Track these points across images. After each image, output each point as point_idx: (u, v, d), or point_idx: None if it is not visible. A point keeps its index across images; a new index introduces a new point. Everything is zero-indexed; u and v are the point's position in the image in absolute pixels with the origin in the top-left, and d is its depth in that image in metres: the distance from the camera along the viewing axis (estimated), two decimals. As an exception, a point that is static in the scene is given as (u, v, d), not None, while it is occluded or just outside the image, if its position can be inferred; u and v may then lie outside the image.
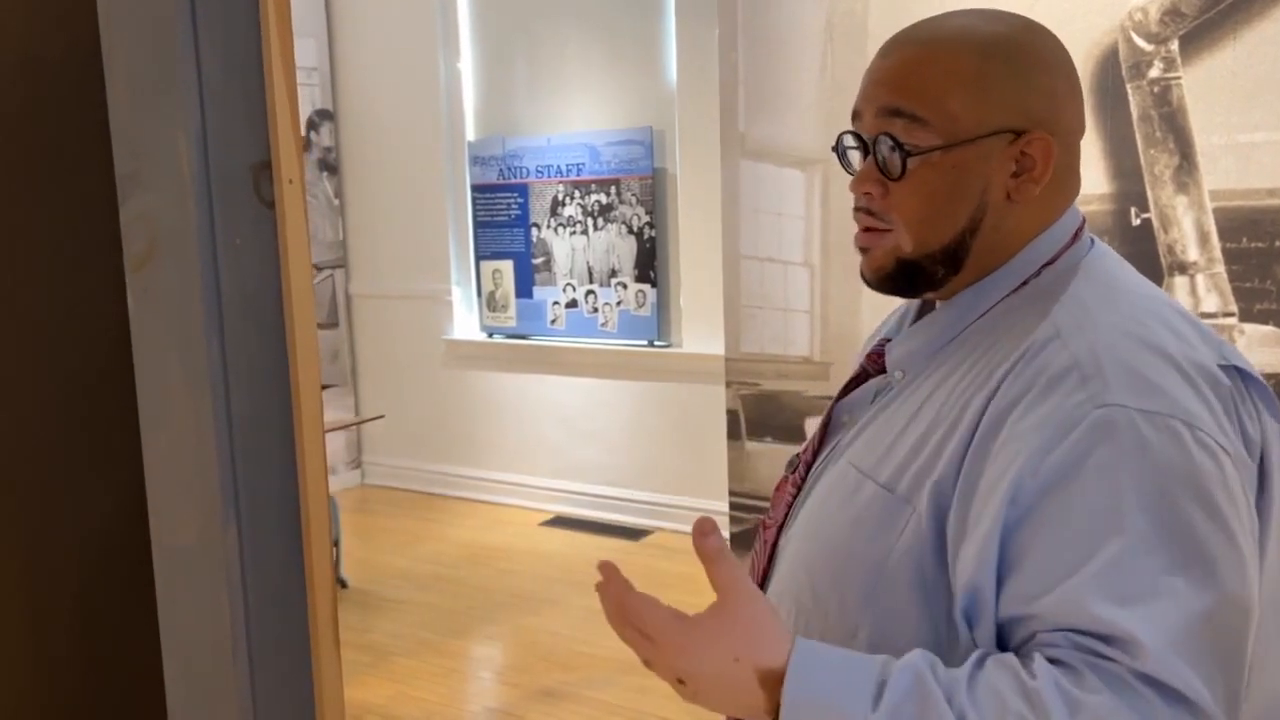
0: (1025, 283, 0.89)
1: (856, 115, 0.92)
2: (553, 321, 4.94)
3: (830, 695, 0.75)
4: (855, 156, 0.93)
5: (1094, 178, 1.91)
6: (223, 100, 0.85)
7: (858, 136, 0.91)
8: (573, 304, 4.86)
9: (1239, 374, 0.84)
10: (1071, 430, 0.76)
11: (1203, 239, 1.83)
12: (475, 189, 5.04)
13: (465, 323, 5.22)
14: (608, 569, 0.81)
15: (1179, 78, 1.80)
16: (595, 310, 4.80)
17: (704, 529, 0.78)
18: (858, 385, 1.00)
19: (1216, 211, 1.81)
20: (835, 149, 0.96)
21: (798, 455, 1.01)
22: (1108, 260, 0.92)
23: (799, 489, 0.98)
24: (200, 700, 0.89)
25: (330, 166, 5.32)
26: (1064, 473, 0.76)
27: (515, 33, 4.88)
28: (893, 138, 0.87)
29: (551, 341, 4.93)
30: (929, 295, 0.94)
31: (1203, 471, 0.76)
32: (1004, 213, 0.89)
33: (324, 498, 0.93)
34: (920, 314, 0.99)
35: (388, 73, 5.15)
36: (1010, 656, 0.76)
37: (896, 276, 0.91)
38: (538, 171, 4.85)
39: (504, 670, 3.45)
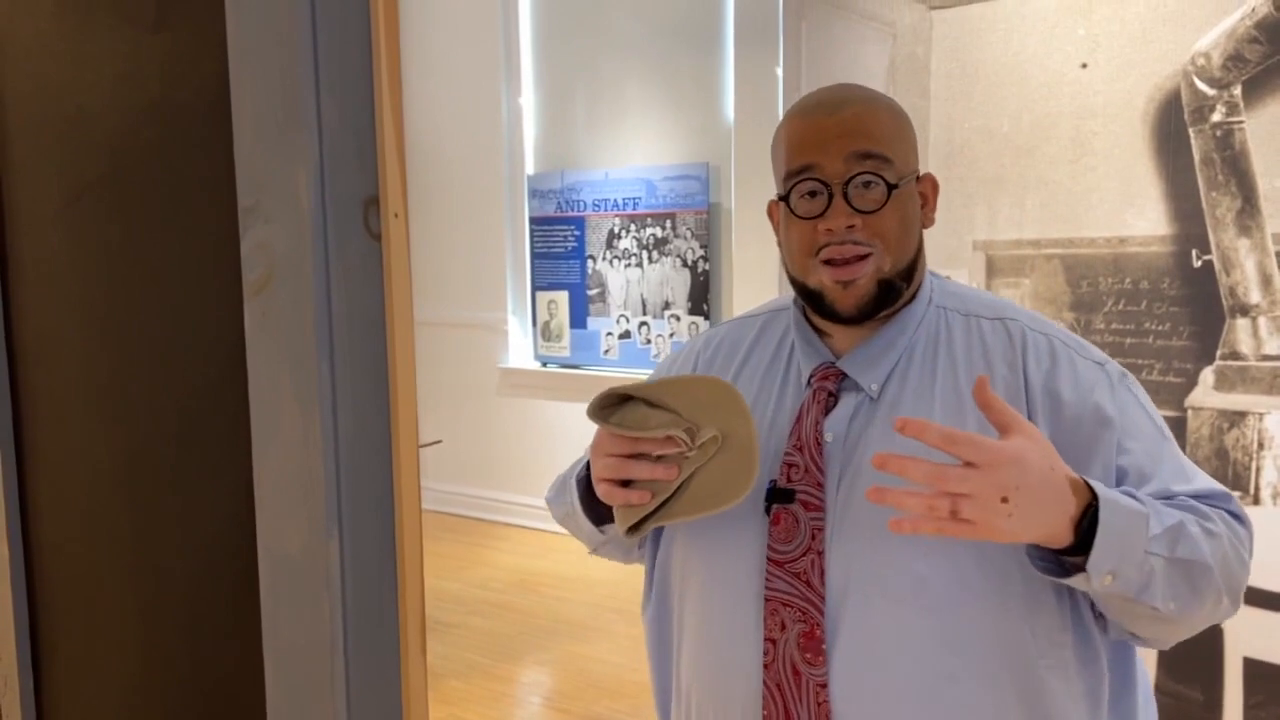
0: (930, 300, 1.11)
1: (809, 167, 1.06)
2: (606, 352, 5.00)
3: (1117, 494, 0.95)
4: (812, 204, 1.06)
5: (1154, 219, 1.92)
6: (338, 140, 0.91)
7: (821, 183, 1.05)
8: (626, 335, 4.92)
9: None
10: (1107, 386, 1.05)
11: (1265, 281, 1.83)
12: (533, 221, 5.13)
13: (520, 352, 5.30)
14: (912, 422, 0.89)
15: (1242, 122, 1.81)
16: (648, 342, 4.85)
17: (985, 382, 0.92)
18: (828, 406, 1.10)
19: None
20: (783, 198, 1.09)
21: (772, 483, 1.07)
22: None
23: (821, 522, 1.05)
24: (298, 698, 0.94)
25: (393, 197, 5.45)
26: (1121, 411, 1.04)
27: (576, 69, 4.99)
28: (879, 175, 1.04)
29: (604, 372, 4.99)
30: (852, 323, 1.09)
31: None
32: (921, 238, 1.11)
33: (417, 512, 0.98)
34: (804, 339, 1.14)
35: (451, 107, 5.28)
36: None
37: (878, 298, 1.06)
38: (595, 205, 4.94)
39: (554, 696, 3.48)
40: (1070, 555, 0.94)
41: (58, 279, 0.99)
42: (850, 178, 1.03)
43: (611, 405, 1.08)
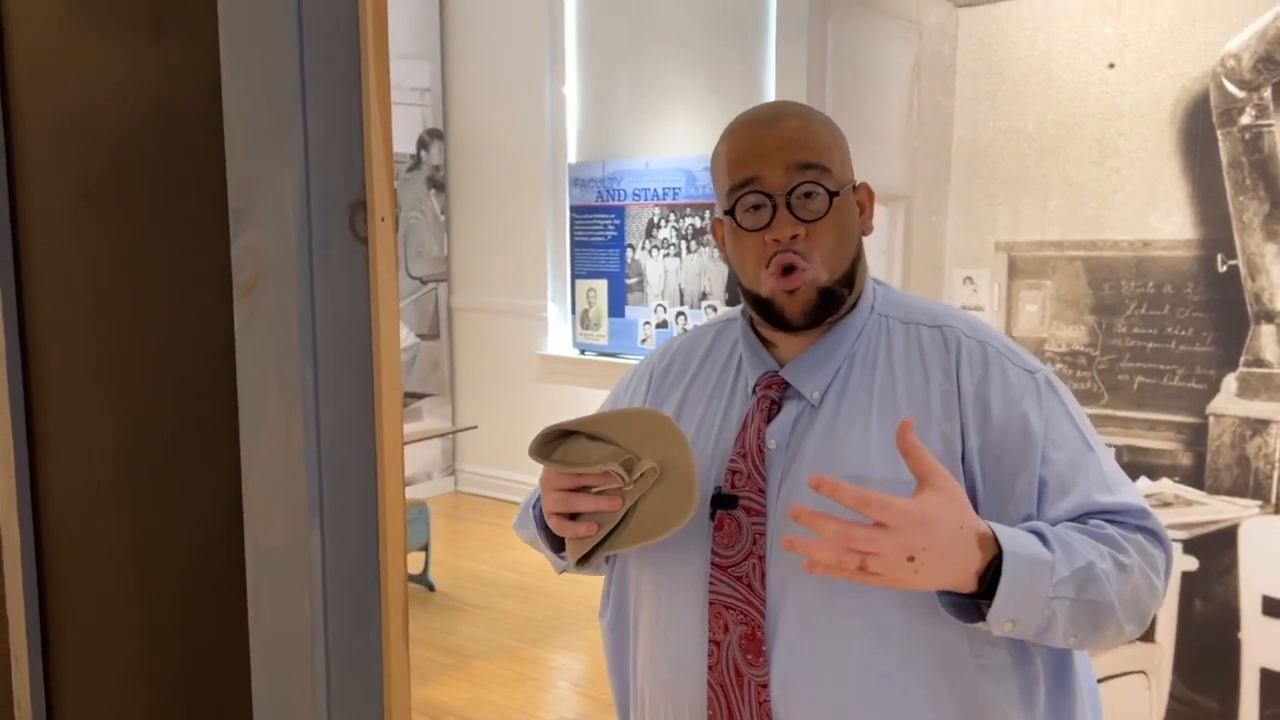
0: (872, 308, 1.13)
1: (752, 180, 1.08)
2: (643, 341, 5.01)
3: (1025, 543, 0.96)
4: (757, 216, 1.08)
5: (1179, 223, 1.89)
6: (325, 147, 0.94)
7: (765, 194, 1.07)
8: (663, 324, 4.94)
9: None
10: (1035, 395, 1.06)
11: (1293, 288, 1.79)
12: (574, 210, 5.16)
13: (559, 339, 5.34)
14: (826, 482, 0.91)
15: (1271, 125, 1.77)
16: (685, 331, 4.86)
17: (907, 427, 0.94)
18: (771, 414, 1.12)
19: (1309, 260, 1.78)
20: (728, 213, 1.11)
21: (717, 489, 1.09)
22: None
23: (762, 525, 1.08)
24: (281, 683, 0.98)
25: (438, 184, 5.51)
26: (1047, 421, 1.05)
27: (619, 59, 4.99)
28: (821, 184, 1.07)
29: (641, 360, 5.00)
30: (800, 329, 1.11)
31: None
32: (860, 245, 1.13)
33: (400, 508, 1.01)
34: (750, 349, 1.16)
35: (496, 95, 5.31)
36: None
37: (821, 305, 1.09)
38: (635, 194, 4.95)
39: (580, 682, 3.52)
40: (975, 597, 0.97)
41: (66, 274, 1.03)
42: (793, 188, 1.07)
43: (554, 441, 1.10)
